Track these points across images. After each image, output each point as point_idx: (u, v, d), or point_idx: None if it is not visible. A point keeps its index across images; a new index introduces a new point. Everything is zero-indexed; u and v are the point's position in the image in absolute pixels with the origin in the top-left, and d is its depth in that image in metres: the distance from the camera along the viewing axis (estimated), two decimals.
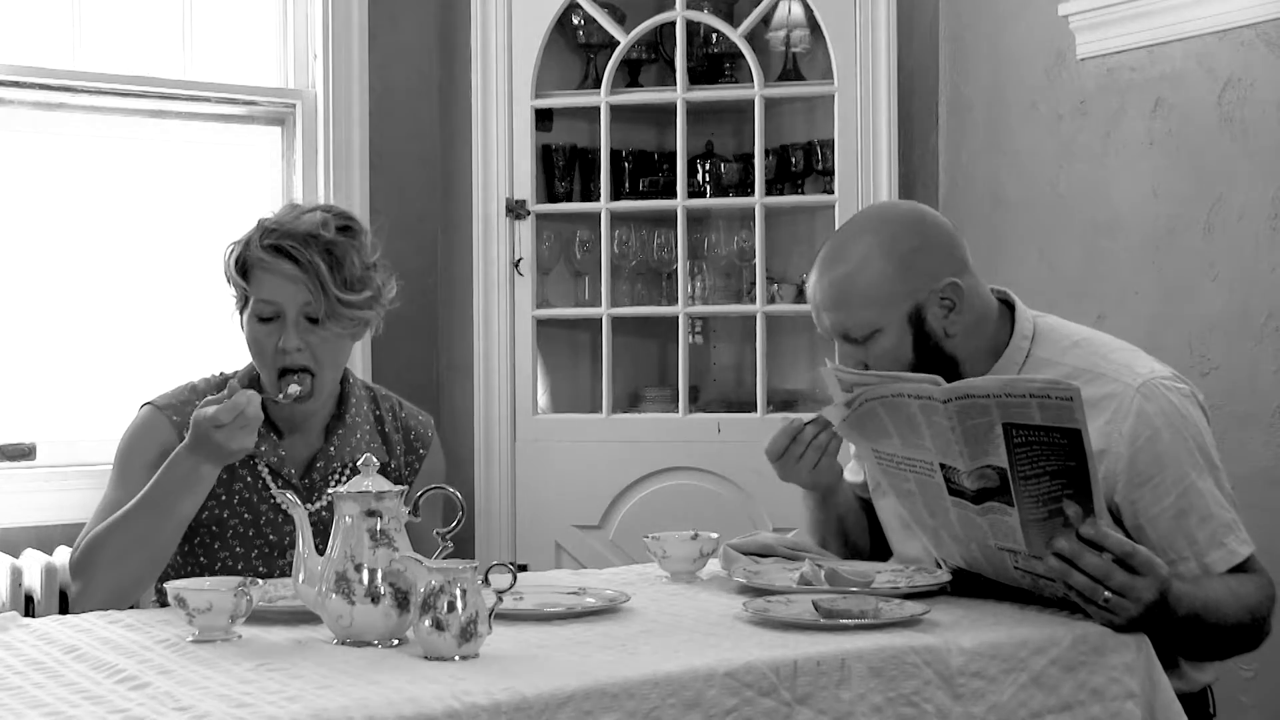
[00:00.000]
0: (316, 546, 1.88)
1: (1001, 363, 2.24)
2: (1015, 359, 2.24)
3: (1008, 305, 2.30)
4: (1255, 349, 3.20)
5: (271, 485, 2.36)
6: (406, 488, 1.92)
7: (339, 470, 2.39)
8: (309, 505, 2.33)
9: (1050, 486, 1.92)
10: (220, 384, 2.40)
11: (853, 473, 2.51)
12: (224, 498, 2.35)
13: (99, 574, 2.23)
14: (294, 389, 2.27)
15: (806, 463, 2.29)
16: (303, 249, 2.27)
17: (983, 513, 1.99)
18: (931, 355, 2.20)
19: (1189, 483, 2.10)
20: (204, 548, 2.36)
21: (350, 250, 2.32)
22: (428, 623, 1.72)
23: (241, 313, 2.35)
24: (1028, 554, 1.99)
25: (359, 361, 3.84)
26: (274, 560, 2.36)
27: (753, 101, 3.86)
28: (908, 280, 2.19)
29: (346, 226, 2.35)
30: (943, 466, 2.01)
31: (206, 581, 1.90)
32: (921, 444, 2.02)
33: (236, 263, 2.31)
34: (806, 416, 2.29)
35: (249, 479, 2.36)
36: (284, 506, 1.91)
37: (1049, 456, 1.90)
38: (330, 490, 2.33)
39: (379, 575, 1.81)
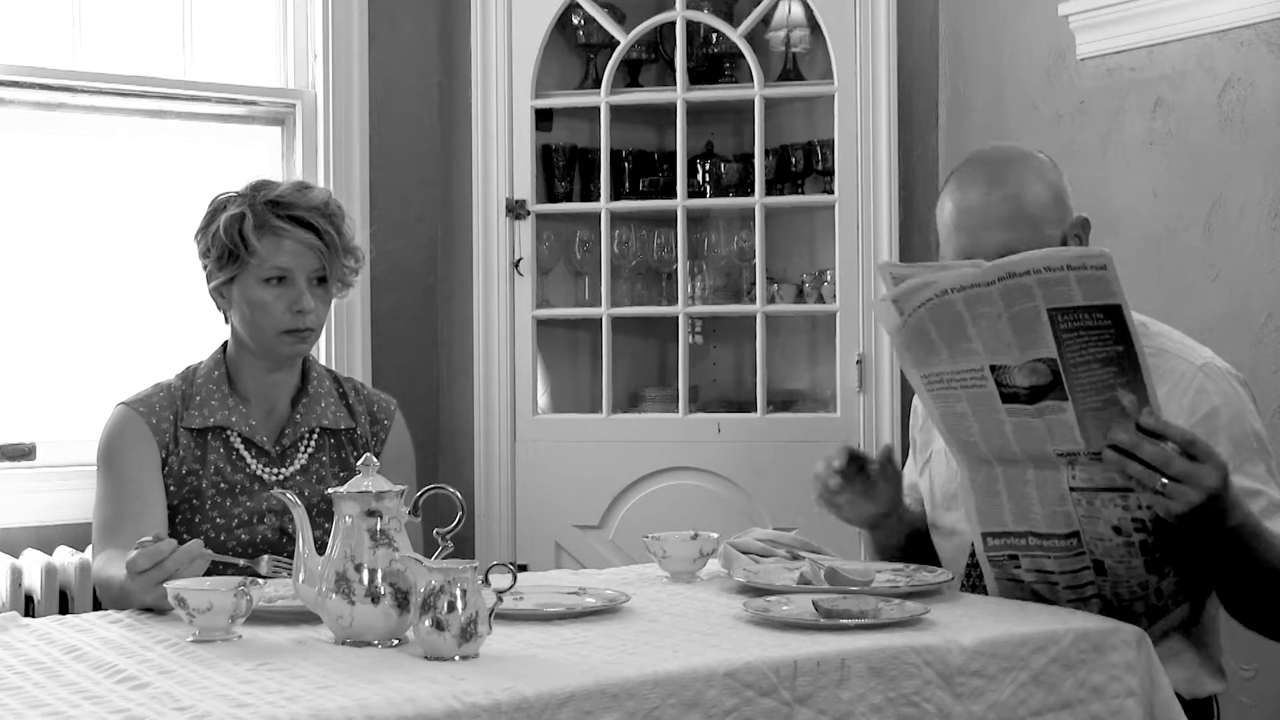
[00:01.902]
0: (318, 543, 1.89)
1: None
2: None
3: None
4: (1255, 349, 3.20)
5: (252, 457, 2.47)
6: (401, 489, 1.92)
7: (308, 435, 2.54)
8: (282, 470, 2.50)
9: (1102, 374, 1.93)
10: (187, 376, 2.55)
11: (907, 473, 2.52)
12: (200, 470, 2.45)
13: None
14: (266, 568, 2.29)
15: (845, 506, 2.32)
16: (320, 220, 2.48)
17: (1039, 413, 1.99)
18: None
19: (1243, 459, 2.13)
20: (186, 523, 2.46)
21: (345, 222, 2.55)
22: (428, 623, 1.72)
23: (230, 280, 2.48)
24: (1087, 454, 1.98)
25: (359, 361, 3.84)
26: (254, 527, 2.46)
27: (753, 101, 3.86)
28: (1058, 209, 2.26)
29: (336, 201, 2.59)
30: (993, 369, 2.00)
31: (206, 582, 1.91)
32: (971, 348, 2.01)
33: (240, 231, 2.45)
34: (835, 462, 2.33)
35: (222, 449, 2.48)
36: (285, 504, 1.92)
37: (1096, 343, 1.92)
38: (303, 455, 2.51)
39: (379, 575, 1.81)
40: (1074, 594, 2.10)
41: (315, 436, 2.54)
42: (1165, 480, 1.91)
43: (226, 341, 2.56)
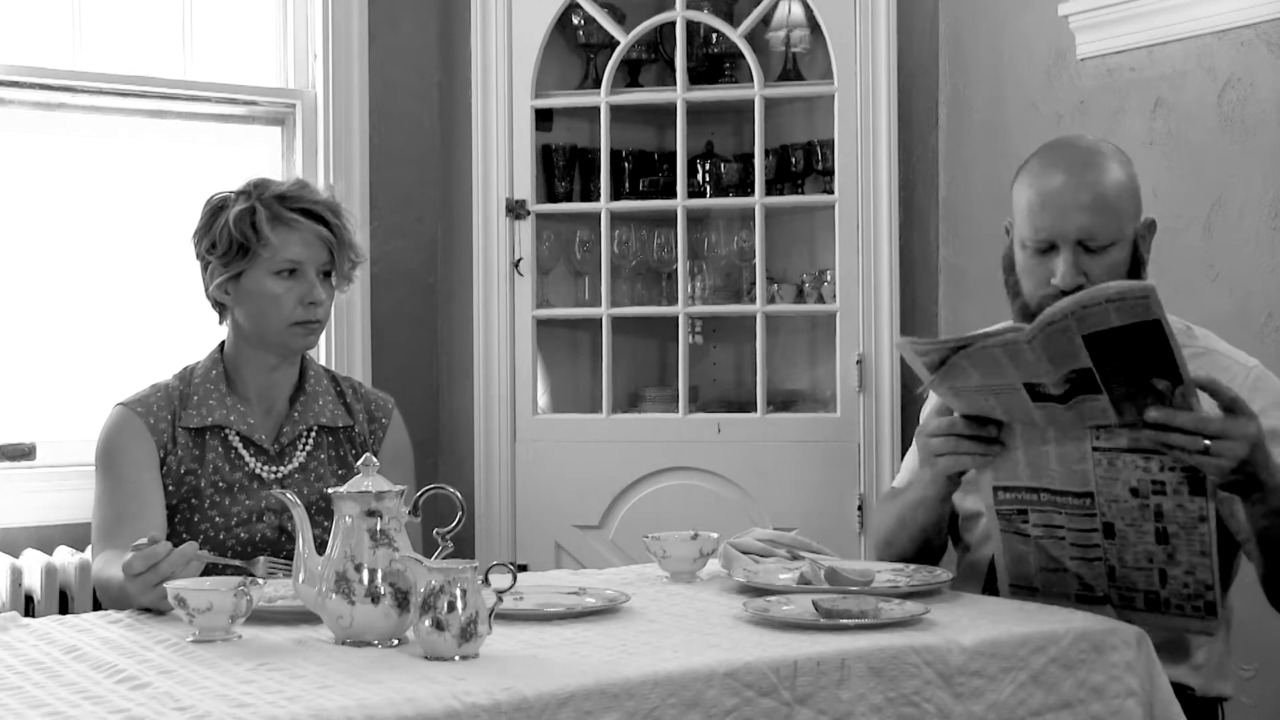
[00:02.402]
0: (318, 542, 1.89)
1: None
2: None
3: None
4: (1255, 349, 3.18)
5: (251, 455, 2.48)
6: (401, 489, 1.92)
7: (306, 433, 2.55)
8: (281, 468, 2.50)
9: (1137, 370, 1.95)
10: (184, 376, 2.54)
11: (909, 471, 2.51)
12: (199, 469, 2.46)
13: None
14: (262, 570, 2.31)
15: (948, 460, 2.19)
16: (328, 213, 2.52)
17: (1070, 406, 2.01)
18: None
19: None
20: (185, 523, 2.46)
21: (350, 218, 2.59)
22: (428, 623, 1.72)
23: (237, 276, 2.48)
24: (1119, 424, 2.00)
25: (359, 361, 3.84)
26: (253, 525, 2.46)
27: (753, 101, 3.86)
28: (1134, 203, 2.28)
29: (337, 199, 2.63)
30: (1027, 385, 2.02)
31: (207, 582, 1.91)
32: (1004, 375, 2.03)
33: (253, 224, 2.46)
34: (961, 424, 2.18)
35: (220, 448, 2.48)
36: (284, 503, 1.93)
37: (1131, 352, 1.93)
38: (301, 453, 2.52)
39: (379, 575, 1.81)
40: (1080, 552, 2.10)
41: (314, 434, 2.55)
42: (1207, 442, 1.94)
43: (223, 341, 2.57)
